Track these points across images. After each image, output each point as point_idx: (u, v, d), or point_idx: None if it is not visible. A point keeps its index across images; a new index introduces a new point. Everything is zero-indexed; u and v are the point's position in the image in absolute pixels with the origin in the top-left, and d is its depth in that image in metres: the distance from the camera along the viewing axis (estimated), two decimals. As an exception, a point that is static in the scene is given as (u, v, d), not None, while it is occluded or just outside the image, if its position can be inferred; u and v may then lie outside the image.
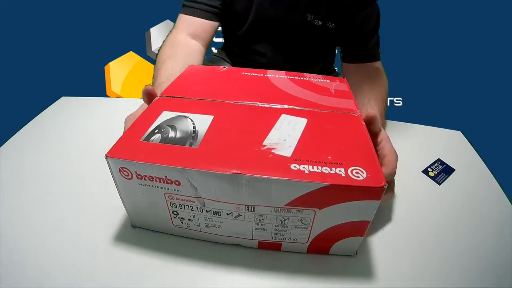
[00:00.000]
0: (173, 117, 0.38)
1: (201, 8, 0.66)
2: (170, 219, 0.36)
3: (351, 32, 0.67)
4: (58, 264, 0.35)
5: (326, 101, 0.44)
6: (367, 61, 0.68)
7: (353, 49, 0.69)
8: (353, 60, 0.69)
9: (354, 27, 0.66)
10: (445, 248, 0.39)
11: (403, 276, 0.36)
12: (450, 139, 0.63)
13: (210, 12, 0.66)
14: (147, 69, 1.42)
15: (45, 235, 0.38)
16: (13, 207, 0.42)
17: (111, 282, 0.34)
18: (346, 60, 0.71)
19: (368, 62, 0.68)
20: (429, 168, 0.54)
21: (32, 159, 0.51)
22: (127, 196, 0.36)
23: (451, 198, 0.48)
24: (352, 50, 0.69)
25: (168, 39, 0.65)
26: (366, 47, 0.68)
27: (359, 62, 0.68)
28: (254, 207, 0.32)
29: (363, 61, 0.68)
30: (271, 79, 0.50)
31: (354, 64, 0.69)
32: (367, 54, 0.68)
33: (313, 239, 0.35)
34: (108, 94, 1.37)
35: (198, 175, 0.30)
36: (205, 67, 0.57)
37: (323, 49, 0.76)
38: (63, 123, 0.61)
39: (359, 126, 0.38)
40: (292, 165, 0.31)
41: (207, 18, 0.66)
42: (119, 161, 0.31)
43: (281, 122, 0.38)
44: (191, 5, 0.66)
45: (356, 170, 0.30)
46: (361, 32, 0.67)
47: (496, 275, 0.37)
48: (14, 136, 0.57)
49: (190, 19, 0.66)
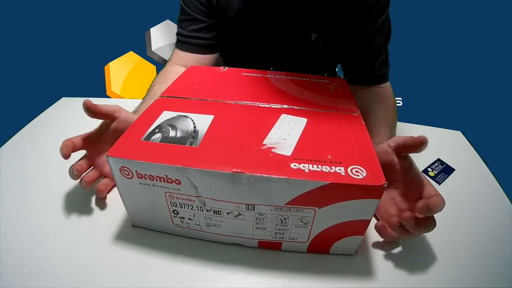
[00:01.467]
0: (174, 117, 0.38)
1: (195, 43, 0.62)
2: (171, 219, 0.36)
3: (356, 52, 0.60)
4: (59, 263, 0.35)
5: (326, 101, 0.44)
6: (372, 84, 0.61)
7: (358, 71, 0.62)
8: (358, 84, 0.61)
9: (359, 47, 0.59)
10: (445, 248, 0.39)
11: (403, 275, 0.36)
12: (450, 139, 0.63)
13: (205, 46, 0.62)
14: (147, 69, 1.42)
15: (46, 235, 0.39)
16: (13, 207, 0.42)
17: (112, 281, 0.34)
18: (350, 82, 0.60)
19: (374, 85, 0.61)
20: (429, 168, 0.54)
21: (32, 160, 0.51)
22: (128, 195, 0.36)
23: (451, 198, 0.48)
24: (356, 72, 0.62)
25: (161, 70, 0.62)
26: (372, 69, 0.60)
27: (364, 85, 0.61)
28: (254, 206, 0.32)
29: (368, 85, 0.61)
30: (271, 79, 0.50)
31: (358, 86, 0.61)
32: (372, 76, 0.61)
33: (313, 238, 0.35)
34: (108, 94, 1.37)
35: (198, 174, 0.30)
36: (205, 67, 0.57)
37: (324, 66, 0.71)
38: (63, 124, 0.61)
39: (358, 126, 0.38)
40: (292, 164, 0.31)
41: (202, 52, 0.63)
42: (120, 160, 0.31)
43: (281, 122, 0.38)
44: (185, 40, 0.62)
45: (356, 169, 0.30)
46: (367, 52, 0.59)
47: (496, 275, 0.37)
48: (14, 137, 0.57)
49: (185, 54, 0.63)
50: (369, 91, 0.59)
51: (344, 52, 0.63)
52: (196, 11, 0.60)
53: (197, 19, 0.60)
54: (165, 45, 1.40)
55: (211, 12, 0.60)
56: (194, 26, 0.61)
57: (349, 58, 0.63)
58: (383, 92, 0.59)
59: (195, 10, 0.60)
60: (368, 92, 0.59)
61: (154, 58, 1.42)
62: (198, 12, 0.60)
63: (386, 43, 0.60)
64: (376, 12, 0.56)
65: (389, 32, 0.60)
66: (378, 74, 0.61)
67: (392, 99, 0.59)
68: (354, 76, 0.62)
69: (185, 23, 0.62)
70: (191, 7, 0.60)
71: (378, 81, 0.61)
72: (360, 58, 0.60)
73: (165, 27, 1.39)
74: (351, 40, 0.60)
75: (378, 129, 0.48)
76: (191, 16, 0.60)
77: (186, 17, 0.61)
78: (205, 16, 0.60)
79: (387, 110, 0.53)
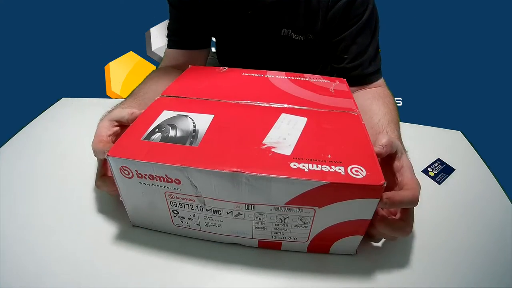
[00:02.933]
0: (174, 116, 0.38)
1: (182, 38, 0.63)
2: (170, 218, 0.36)
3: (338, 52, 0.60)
4: (59, 263, 0.35)
5: (326, 101, 0.44)
6: (365, 84, 0.60)
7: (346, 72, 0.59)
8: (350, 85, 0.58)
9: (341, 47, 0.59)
10: (445, 248, 0.39)
11: (403, 275, 0.36)
12: (450, 139, 0.63)
13: (192, 40, 0.64)
14: (147, 69, 1.42)
15: (45, 235, 0.39)
16: (13, 207, 0.42)
17: (112, 281, 0.34)
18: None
19: (366, 84, 0.60)
20: (429, 167, 0.54)
21: (32, 160, 0.51)
22: (128, 195, 0.36)
23: (451, 197, 0.48)
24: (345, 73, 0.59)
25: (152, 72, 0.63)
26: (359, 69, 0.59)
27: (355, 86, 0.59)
28: (254, 205, 0.32)
29: (360, 85, 0.60)
30: (271, 79, 0.50)
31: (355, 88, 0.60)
32: (361, 76, 0.59)
33: (313, 238, 0.35)
34: (108, 94, 1.37)
35: (198, 173, 0.30)
36: (205, 67, 0.57)
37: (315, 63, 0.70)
38: (64, 124, 0.61)
39: (358, 125, 0.38)
40: (291, 163, 0.31)
41: (190, 47, 0.64)
42: (120, 160, 0.31)
43: (281, 121, 0.38)
44: (172, 38, 0.64)
45: (355, 168, 0.30)
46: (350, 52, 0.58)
47: (496, 275, 0.37)
48: (15, 137, 0.57)
49: (174, 51, 0.64)
50: (368, 92, 0.59)
51: (328, 50, 0.62)
52: (180, 5, 0.61)
53: (182, 16, 0.62)
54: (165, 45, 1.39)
55: (195, 6, 0.61)
56: (180, 23, 0.62)
57: (334, 58, 0.62)
58: (382, 92, 0.59)
59: (180, 5, 0.61)
60: (367, 93, 0.59)
61: (154, 58, 1.42)
62: (182, 8, 0.61)
63: (374, 38, 0.59)
64: (353, 13, 0.56)
65: (376, 31, 0.59)
66: (366, 73, 0.59)
67: (392, 98, 0.58)
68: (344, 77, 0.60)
69: (171, 22, 0.63)
70: (175, 5, 0.61)
71: (369, 80, 0.60)
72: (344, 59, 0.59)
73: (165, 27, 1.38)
74: (330, 39, 0.60)
75: (386, 132, 0.46)
76: (177, 14, 0.62)
77: (173, 15, 0.63)
78: (190, 11, 0.61)
79: (390, 110, 0.53)
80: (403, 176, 0.35)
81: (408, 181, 0.34)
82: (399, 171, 0.35)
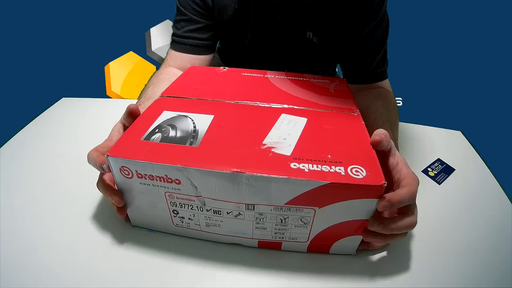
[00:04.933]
0: (174, 117, 0.38)
1: (190, 43, 0.61)
2: (170, 219, 0.36)
3: (355, 49, 0.60)
4: (59, 263, 0.35)
5: (326, 101, 0.44)
6: (371, 82, 0.61)
7: (356, 70, 0.61)
8: (356, 83, 0.61)
9: (358, 44, 0.59)
10: (445, 248, 0.39)
11: (403, 275, 0.36)
12: (450, 139, 0.63)
13: (201, 47, 0.62)
14: (147, 69, 1.42)
15: (45, 235, 0.39)
16: (13, 208, 0.42)
17: (111, 281, 0.34)
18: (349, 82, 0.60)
19: (373, 82, 0.61)
20: (429, 167, 0.54)
21: (32, 160, 0.51)
22: (128, 195, 0.36)
23: (451, 197, 0.48)
24: (355, 70, 0.61)
25: (155, 72, 0.61)
26: (371, 67, 0.59)
27: (362, 83, 0.61)
28: (254, 206, 0.32)
29: (367, 83, 0.61)
30: (271, 79, 0.50)
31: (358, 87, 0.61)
32: (371, 74, 0.60)
33: (313, 238, 0.35)
34: (108, 94, 1.38)
35: (198, 173, 0.30)
36: (205, 67, 0.57)
37: (322, 65, 0.71)
38: (63, 124, 0.61)
39: (358, 125, 0.38)
40: (292, 163, 0.31)
41: (197, 53, 0.62)
42: (120, 160, 0.31)
43: (281, 122, 0.38)
44: (180, 40, 0.61)
45: (355, 168, 0.30)
46: (366, 49, 0.59)
47: (496, 275, 0.37)
48: (14, 137, 0.57)
49: (180, 55, 0.62)
50: (370, 92, 0.59)
51: (342, 50, 0.63)
52: (191, 11, 0.60)
53: (193, 20, 0.60)
54: (165, 45, 1.40)
55: (206, 13, 0.60)
56: (189, 26, 0.61)
57: (348, 56, 0.62)
58: (384, 92, 0.59)
59: (191, 11, 0.60)
60: (369, 93, 0.59)
61: (154, 58, 1.43)
62: (193, 13, 0.60)
63: (385, 39, 0.59)
64: (373, 8, 0.56)
65: (387, 27, 0.59)
66: (376, 72, 0.60)
67: (393, 100, 0.58)
68: (353, 75, 0.62)
69: (180, 24, 0.61)
70: (186, 8, 0.60)
71: (377, 79, 0.61)
72: (359, 56, 0.60)
73: (165, 27, 1.40)
74: (350, 37, 0.59)
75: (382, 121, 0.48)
76: (186, 17, 0.60)
77: (181, 17, 0.61)
78: (201, 16, 0.60)
79: (388, 111, 0.53)
80: (400, 173, 0.35)
81: (405, 176, 0.34)
82: (395, 168, 0.35)
